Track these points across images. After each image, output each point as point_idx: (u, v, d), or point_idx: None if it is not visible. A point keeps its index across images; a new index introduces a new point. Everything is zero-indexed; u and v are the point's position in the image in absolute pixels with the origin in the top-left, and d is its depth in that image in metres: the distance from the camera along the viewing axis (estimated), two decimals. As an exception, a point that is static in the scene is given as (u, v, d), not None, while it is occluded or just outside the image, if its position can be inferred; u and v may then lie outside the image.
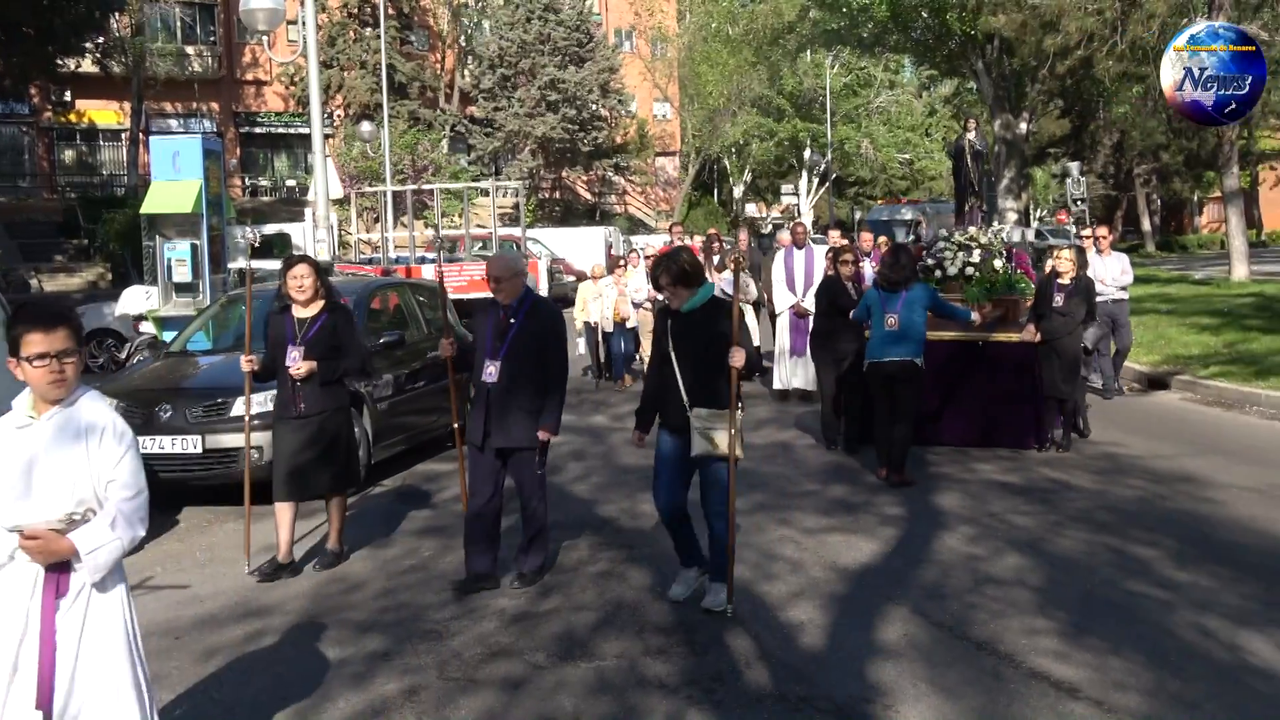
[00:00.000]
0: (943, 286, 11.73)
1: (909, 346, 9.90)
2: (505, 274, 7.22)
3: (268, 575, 7.62)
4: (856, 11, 39.34)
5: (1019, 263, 12.36)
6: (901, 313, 9.92)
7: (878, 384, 10.12)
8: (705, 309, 6.71)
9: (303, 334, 7.77)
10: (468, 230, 27.83)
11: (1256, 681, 5.55)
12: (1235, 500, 9.04)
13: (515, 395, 7.11)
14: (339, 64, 49.28)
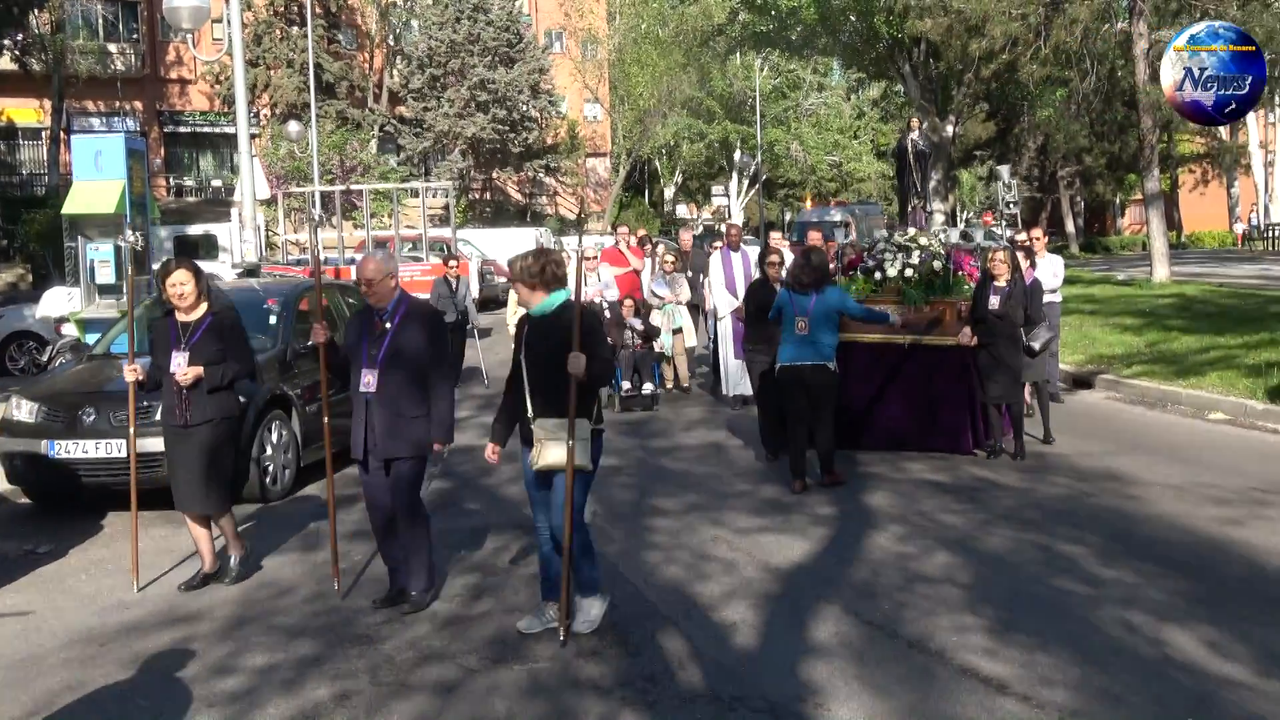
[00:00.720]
0: (882, 287, 11.62)
1: (821, 350, 9.73)
2: (377, 276, 6.85)
3: (195, 588, 7.49)
4: (785, 14, 39.64)
5: (960, 264, 12.22)
6: (813, 315, 9.72)
7: (790, 388, 9.89)
8: (558, 314, 6.31)
9: (187, 338, 7.43)
10: (397, 231, 27.61)
11: (1179, 675, 5.65)
12: (1158, 497, 9.20)
13: (396, 404, 6.76)
14: (265, 63, 48.70)
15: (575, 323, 6.11)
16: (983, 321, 10.62)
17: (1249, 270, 30.39)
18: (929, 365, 11.08)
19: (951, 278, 11.64)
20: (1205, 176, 59.04)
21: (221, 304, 7.83)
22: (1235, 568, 7.40)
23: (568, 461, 6.16)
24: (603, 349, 6.33)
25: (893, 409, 11.27)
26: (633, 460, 11.28)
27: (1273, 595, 6.84)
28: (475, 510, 9.40)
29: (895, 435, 11.21)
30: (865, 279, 11.84)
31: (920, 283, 11.45)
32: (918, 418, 11.16)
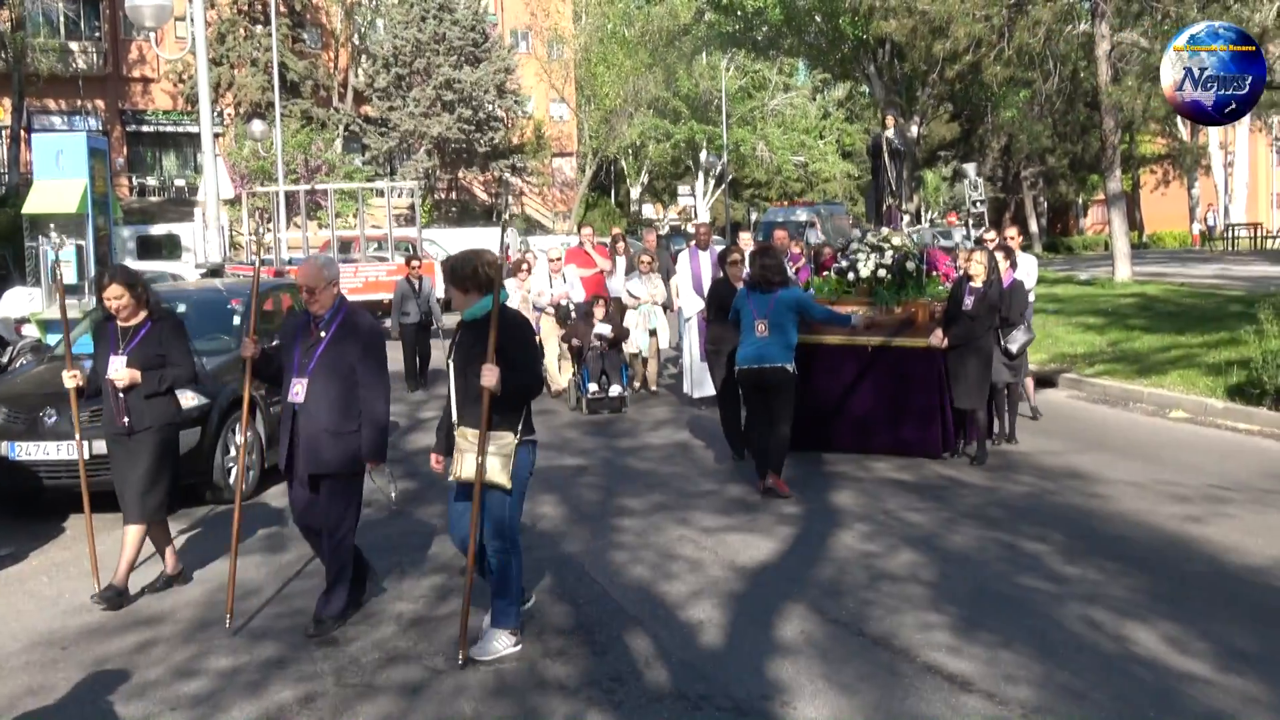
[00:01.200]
0: (855, 288, 11.52)
1: (780, 352, 9.51)
2: (318, 284, 6.54)
3: (158, 590, 7.44)
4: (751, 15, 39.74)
5: (935, 264, 12.07)
6: (771, 317, 9.54)
7: (750, 391, 9.83)
8: (487, 320, 5.93)
9: (126, 343, 7.26)
10: (362, 231, 27.51)
11: (1141, 671, 5.70)
12: (1120, 495, 9.28)
13: (325, 417, 6.44)
14: (229, 61, 48.43)
15: (491, 331, 5.82)
16: (955, 322, 10.50)
17: (1209, 270, 30.67)
18: (899, 366, 10.95)
19: (924, 278, 11.53)
20: (1166, 177, 59.55)
21: (163, 310, 7.62)
22: (1196, 564, 7.47)
23: (476, 477, 5.89)
24: (528, 360, 6.07)
25: (862, 410, 11.12)
26: (599, 460, 11.28)
27: (1233, 591, 6.91)
28: (440, 511, 9.36)
29: (864, 437, 11.08)
30: (839, 279, 11.73)
31: (892, 283, 11.33)
32: (887, 419, 11.00)
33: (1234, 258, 38.58)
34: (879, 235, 11.91)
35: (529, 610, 6.51)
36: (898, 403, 10.97)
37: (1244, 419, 12.35)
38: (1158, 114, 36.61)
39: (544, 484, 10.17)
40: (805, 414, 10.70)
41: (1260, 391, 12.45)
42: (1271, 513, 8.68)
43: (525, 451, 6.08)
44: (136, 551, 7.32)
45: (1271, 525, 8.32)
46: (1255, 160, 62.96)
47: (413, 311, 16.55)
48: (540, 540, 8.35)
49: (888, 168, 13.61)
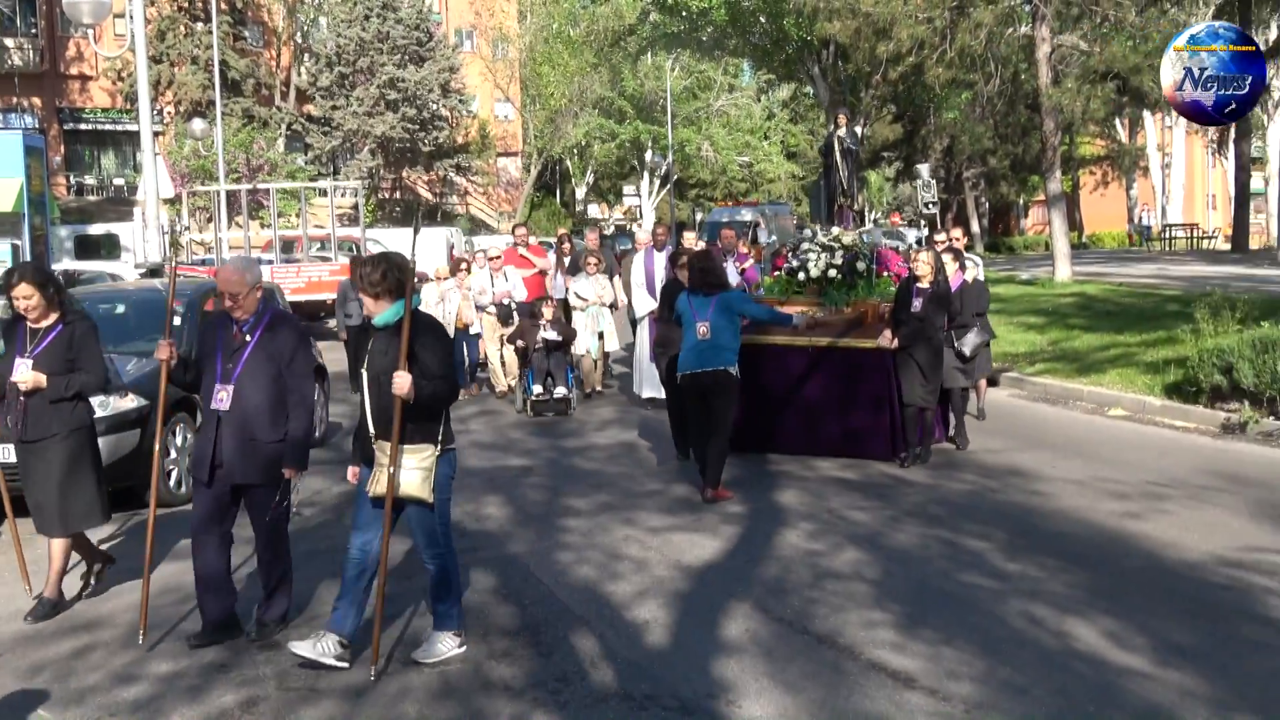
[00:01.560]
0: (805, 288, 11.48)
1: (721, 355, 9.38)
2: (242, 289, 6.25)
3: (96, 593, 7.28)
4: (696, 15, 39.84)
5: (887, 264, 11.97)
6: (712, 320, 9.39)
7: (691, 395, 9.62)
8: (400, 326, 5.75)
9: (34, 345, 6.91)
10: (305, 231, 27.28)
11: (1081, 666, 5.77)
12: (1061, 492, 9.39)
13: (250, 424, 6.21)
14: (169, 59, 47.81)
15: (403, 336, 5.64)
16: (903, 324, 10.37)
17: (1147, 270, 31.10)
18: (848, 367, 10.81)
19: (875, 278, 11.42)
20: (1105, 178, 60.42)
21: (76, 312, 7.23)
22: (1134, 560, 7.58)
23: (387, 490, 5.74)
24: (443, 366, 5.82)
25: (809, 411, 10.99)
26: (544, 460, 11.26)
27: (1171, 587, 7.01)
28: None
29: (812, 438, 10.94)
30: (789, 279, 11.61)
31: (842, 283, 11.27)
32: (835, 420, 10.88)
33: (1171, 258, 39.16)
34: (829, 235, 11.79)
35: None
36: (845, 403, 10.85)
37: (1181, 416, 12.53)
38: (1097, 116, 37.10)
39: (489, 484, 10.15)
40: (752, 415, 10.76)
41: (1197, 389, 12.64)
42: (1208, 509, 8.82)
43: (446, 462, 5.93)
44: (64, 561, 7.12)
45: (1208, 521, 8.45)
46: (1192, 162, 64.03)
47: (355, 313, 15.79)
48: (485, 541, 8.33)
49: (839, 167, 13.47)
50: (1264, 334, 12.43)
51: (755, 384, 10.57)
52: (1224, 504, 8.96)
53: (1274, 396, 11.72)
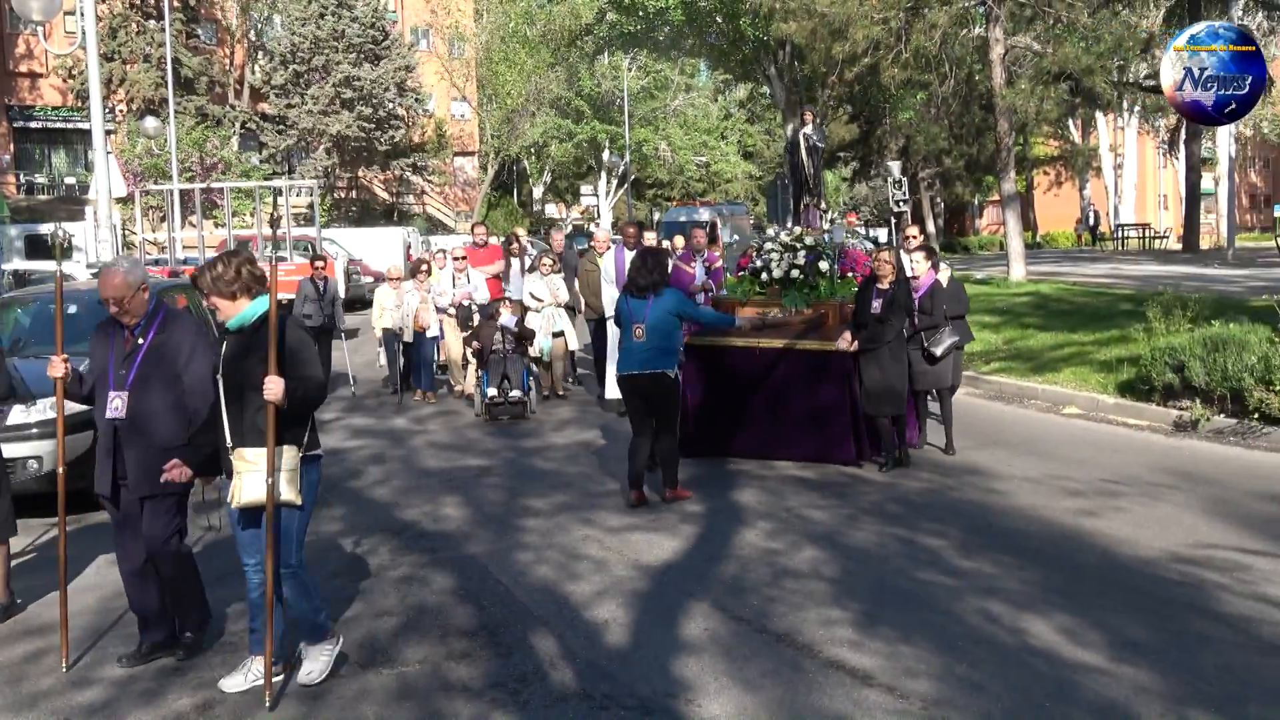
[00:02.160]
0: (768, 289, 11.27)
1: (660, 357, 9.12)
2: (125, 293, 5.86)
3: None
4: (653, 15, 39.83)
5: (854, 264, 11.62)
6: (649, 321, 9.13)
7: (630, 398, 9.38)
8: (260, 325, 5.47)
9: None
10: (259, 230, 27.06)
11: (1037, 662, 5.82)
12: (1017, 490, 9.46)
13: (150, 432, 5.88)
14: (121, 57, 47.33)
15: (271, 338, 5.32)
16: (864, 326, 10.11)
17: (1100, 269, 31.41)
18: (807, 371, 10.54)
19: (837, 278, 11.21)
20: (1059, 178, 61.01)
21: None
22: (1089, 557, 7.65)
23: (268, 498, 5.44)
24: (310, 368, 5.48)
25: (768, 415, 10.73)
26: (503, 461, 11.23)
27: (1125, 583, 7.08)
28: (341, 513, 9.26)
29: (771, 443, 10.74)
30: (753, 279, 11.46)
31: (804, 284, 11.04)
32: (795, 425, 10.61)
33: (1124, 257, 39.57)
34: (792, 234, 11.58)
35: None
36: (805, 407, 10.59)
37: (1134, 414, 12.67)
38: (1050, 116, 37.44)
39: (447, 485, 10.11)
40: (712, 418, 10.73)
41: (1149, 388, 12.78)
42: (1161, 506, 8.92)
43: (313, 467, 5.65)
44: (4, 566, 6.99)
45: (1161, 518, 8.55)
46: (1144, 162, 64.82)
47: (315, 314, 15.76)
48: (444, 542, 8.29)
49: (805, 165, 13.14)
50: (1215, 333, 12.58)
51: (714, 386, 10.57)
52: (1176, 501, 9.07)
53: (1225, 394, 11.87)
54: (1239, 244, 37.43)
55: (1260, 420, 11.44)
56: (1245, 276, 25.22)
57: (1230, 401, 11.85)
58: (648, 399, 9.25)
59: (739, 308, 11.34)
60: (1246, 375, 11.59)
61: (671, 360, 9.26)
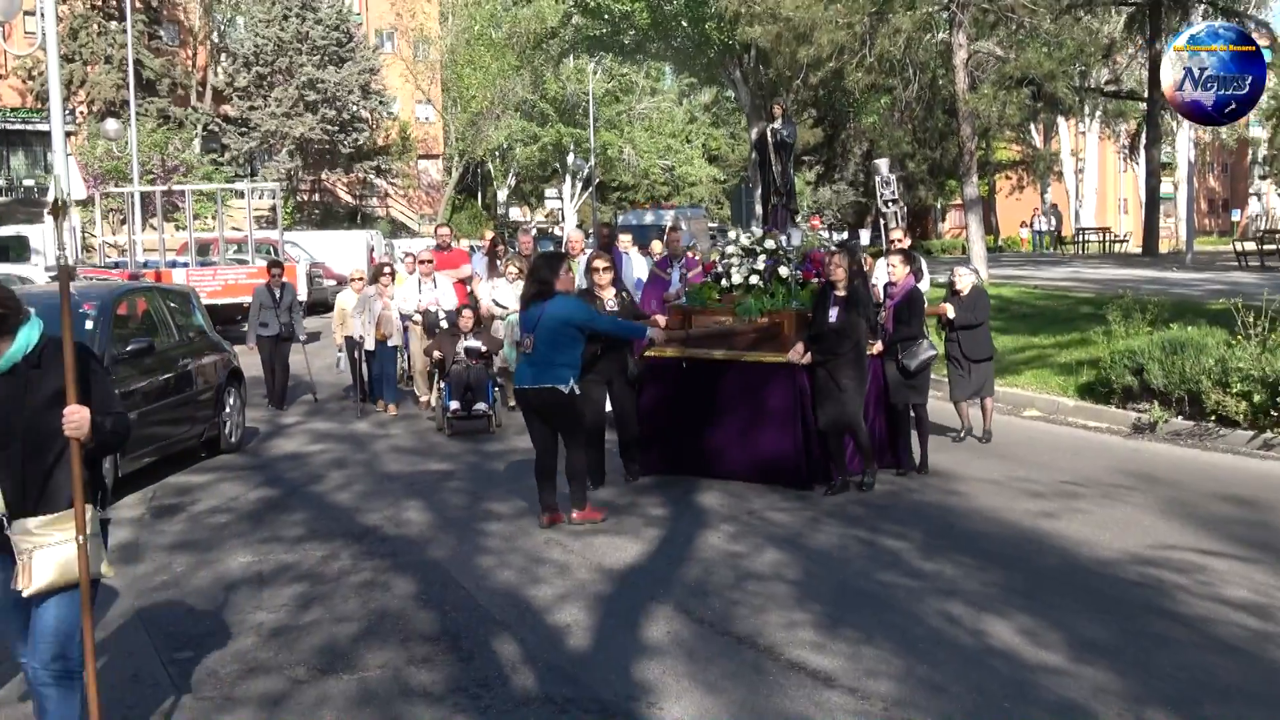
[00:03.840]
0: (727, 296, 10.55)
1: (553, 371, 8.49)
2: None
3: None
4: (618, 19, 39.87)
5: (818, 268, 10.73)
6: (539, 333, 8.51)
7: (526, 415, 8.87)
8: (36, 359, 4.33)
9: None
10: (222, 233, 26.91)
11: (998, 663, 5.85)
12: (977, 492, 9.51)
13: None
14: (82, 58, 46.91)
15: (68, 363, 4.21)
16: (819, 338, 9.39)
17: (1061, 273, 31.64)
18: (758, 385, 9.84)
19: (798, 284, 10.45)
20: (1021, 182, 61.38)
21: None
22: (1049, 559, 7.70)
23: (80, 565, 4.30)
24: (112, 401, 4.44)
25: (716, 432, 10.06)
26: (465, 465, 11.19)
27: (1084, 584, 7.13)
28: (302, 518, 9.20)
29: (717, 461, 10.07)
30: (712, 286, 10.87)
31: (763, 291, 10.34)
32: (743, 444, 9.94)
33: (1084, 261, 39.87)
34: (752, 238, 10.84)
35: None
36: (752, 424, 9.90)
37: (1093, 417, 12.77)
38: (1012, 121, 37.68)
39: (408, 489, 10.07)
40: (658, 434, 10.25)
41: (1109, 390, 12.89)
42: (1120, 507, 8.99)
43: (106, 531, 4.66)
44: None
45: (1120, 519, 8.62)
46: (1104, 167, 65.32)
47: (272, 323, 15.05)
48: (405, 547, 8.26)
49: (773, 162, 12.46)
50: (1173, 336, 12.72)
51: (663, 401, 10.16)
52: (1135, 502, 9.15)
53: (1183, 397, 11.99)
54: (1198, 248, 37.76)
55: (1217, 422, 11.56)
56: (1204, 280, 25.47)
57: (1188, 404, 11.97)
58: (542, 416, 8.70)
59: (694, 316, 10.67)
60: (1204, 378, 11.70)
61: (565, 374, 8.55)
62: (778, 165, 12.59)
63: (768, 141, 12.56)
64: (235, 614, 6.82)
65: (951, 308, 11.39)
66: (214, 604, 7.02)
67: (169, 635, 6.49)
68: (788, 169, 12.64)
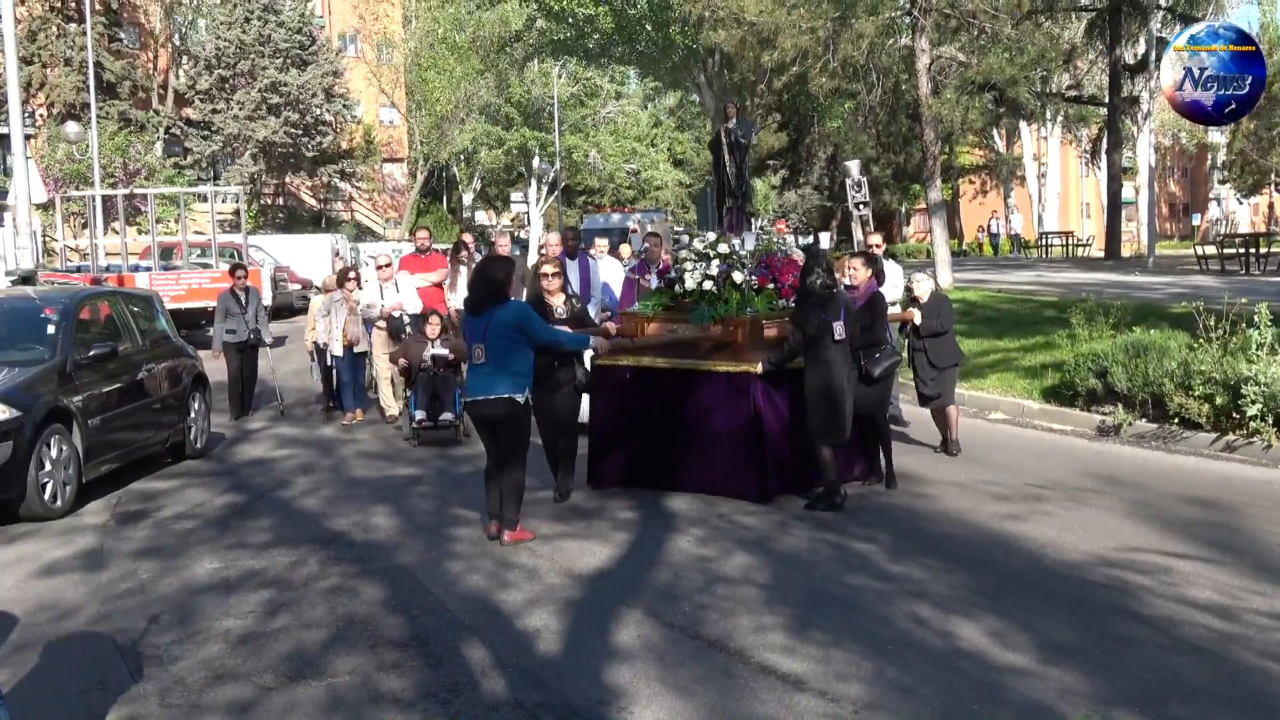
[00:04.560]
0: (680, 303, 10.24)
1: (504, 381, 8.14)
2: None
3: None
4: (583, 22, 39.86)
5: (778, 274, 10.47)
6: (488, 340, 8.16)
7: (478, 427, 8.61)
8: None
9: None
10: (185, 237, 26.70)
11: (966, 665, 5.88)
12: (944, 495, 9.56)
13: None
14: (41, 60, 46.41)
15: None
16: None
17: (1025, 276, 31.84)
18: (712, 396, 9.52)
19: (752, 290, 10.15)
20: (984, 187, 61.85)
21: None
22: (1016, 561, 7.75)
23: None
24: None
25: (668, 444, 9.76)
26: (433, 470, 11.16)
27: (1051, 586, 7.18)
28: (269, 524, 9.15)
29: (669, 474, 9.75)
30: (664, 292, 10.53)
31: (714, 297, 9.99)
32: (695, 457, 9.63)
33: (1047, 265, 40.15)
34: (706, 241, 10.42)
35: None
36: (707, 437, 9.57)
37: (1058, 420, 12.87)
38: (975, 126, 37.93)
39: (376, 495, 10.03)
40: (608, 446, 10.03)
41: (1073, 393, 12.99)
42: (1085, 509, 9.06)
43: None
44: None
45: (1085, 521, 8.68)
46: (1066, 171, 65.89)
47: (239, 329, 14.63)
48: (373, 552, 8.22)
49: (727, 163, 12.00)
50: (1136, 339, 12.82)
51: (614, 412, 9.93)
52: (1100, 504, 9.23)
53: (1146, 400, 12.09)
54: (1159, 252, 38.07)
55: (1180, 425, 11.66)
56: (1165, 284, 25.69)
57: (1151, 406, 12.07)
58: (493, 427, 8.38)
59: (645, 324, 10.31)
60: (1167, 380, 11.81)
61: (520, 383, 8.24)
62: (733, 166, 12.08)
63: (722, 142, 12.11)
64: (202, 621, 6.77)
65: (919, 313, 11.34)
66: (180, 611, 6.96)
67: (135, 642, 6.44)
68: (743, 170, 12.17)
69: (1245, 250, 29.85)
